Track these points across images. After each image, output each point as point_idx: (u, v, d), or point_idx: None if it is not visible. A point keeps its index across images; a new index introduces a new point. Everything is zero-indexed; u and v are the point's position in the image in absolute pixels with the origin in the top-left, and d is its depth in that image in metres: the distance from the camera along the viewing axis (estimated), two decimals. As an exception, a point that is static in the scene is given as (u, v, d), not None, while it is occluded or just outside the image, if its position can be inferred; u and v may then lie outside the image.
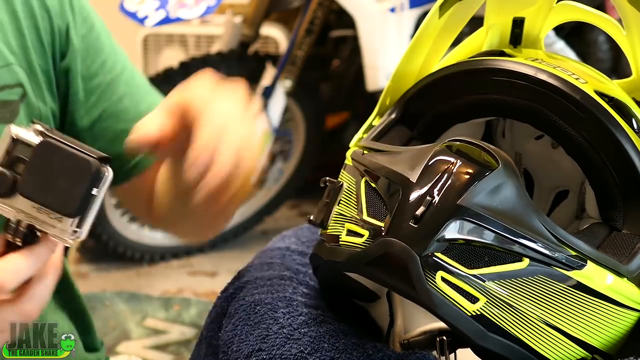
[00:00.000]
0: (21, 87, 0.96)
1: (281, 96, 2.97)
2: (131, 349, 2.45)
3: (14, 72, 0.95)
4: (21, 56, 0.97)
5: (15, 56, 0.96)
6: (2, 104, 0.94)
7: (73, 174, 0.65)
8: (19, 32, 0.97)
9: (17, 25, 0.97)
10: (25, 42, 0.97)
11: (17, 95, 0.95)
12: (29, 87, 0.97)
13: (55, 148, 0.65)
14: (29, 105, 0.96)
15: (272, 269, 0.81)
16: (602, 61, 3.00)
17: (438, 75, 0.76)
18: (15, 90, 0.95)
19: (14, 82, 0.95)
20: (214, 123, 0.75)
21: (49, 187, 0.64)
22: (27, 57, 0.97)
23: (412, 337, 0.74)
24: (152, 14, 2.70)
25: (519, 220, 0.64)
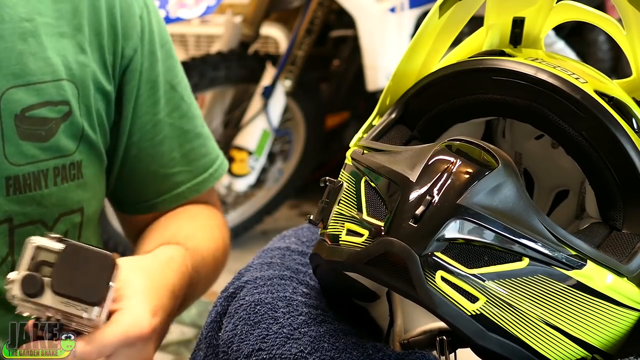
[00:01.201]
0: (67, 104, 0.93)
1: (281, 96, 2.97)
2: (131, 349, 2.44)
3: (62, 89, 0.92)
4: (77, 73, 0.93)
5: (68, 72, 0.93)
6: (40, 121, 0.91)
7: (96, 269, 0.76)
8: (80, 48, 0.94)
9: (81, 40, 0.94)
10: (85, 59, 0.94)
11: (60, 113, 0.93)
12: (77, 106, 0.94)
13: (80, 249, 0.76)
14: (71, 124, 0.93)
15: (272, 269, 0.81)
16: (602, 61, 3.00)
17: (438, 75, 0.76)
18: (59, 108, 0.92)
19: (59, 99, 0.92)
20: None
21: (77, 282, 0.75)
22: (83, 75, 0.94)
23: (412, 337, 0.74)
24: (152, 14, 2.69)
25: (519, 220, 0.64)
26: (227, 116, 3.14)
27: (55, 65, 0.91)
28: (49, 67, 0.91)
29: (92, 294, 0.76)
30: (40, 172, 0.92)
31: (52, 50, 0.91)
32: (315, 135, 3.22)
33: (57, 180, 0.94)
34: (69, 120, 0.93)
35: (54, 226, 0.95)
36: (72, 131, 0.94)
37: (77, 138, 0.95)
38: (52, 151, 0.93)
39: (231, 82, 2.99)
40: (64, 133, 0.93)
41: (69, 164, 0.94)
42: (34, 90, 0.90)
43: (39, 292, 0.75)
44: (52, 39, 0.91)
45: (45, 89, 0.91)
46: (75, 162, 0.95)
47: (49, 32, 0.91)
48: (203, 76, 2.87)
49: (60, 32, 0.92)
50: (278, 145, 3.21)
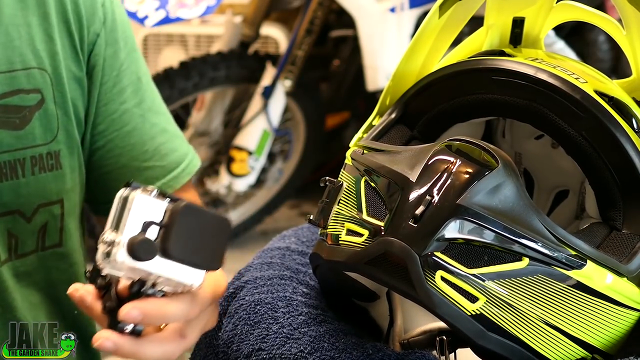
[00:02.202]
0: (39, 92, 0.92)
1: (281, 96, 2.97)
2: (131, 349, 2.44)
3: (32, 77, 0.92)
4: (47, 61, 0.93)
5: (38, 60, 0.92)
6: (14, 109, 0.91)
7: (214, 233, 0.69)
8: (48, 36, 0.93)
9: (48, 29, 0.94)
10: (54, 47, 0.94)
11: (33, 101, 0.92)
12: (50, 95, 0.93)
13: (196, 210, 0.67)
14: (45, 112, 0.93)
15: (272, 269, 0.81)
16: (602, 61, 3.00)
17: (438, 75, 0.76)
18: (31, 96, 0.92)
19: (30, 87, 0.92)
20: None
21: (194, 247, 0.67)
22: (55, 64, 0.94)
23: (412, 337, 0.74)
24: (152, 14, 2.70)
25: (519, 220, 0.64)
26: (227, 116, 3.13)
27: (24, 55, 0.92)
28: (18, 57, 0.91)
29: (212, 260, 0.69)
30: (16, 160, 0.91)
31: (19, 40, 0.91)
32: (315, 135, 3.22)
33: (34, 170, 0.93)
34: (42, 108, 0.93)
35: (33, 217, 0.94)
36: (47, 119, 0.93)
37: (54, 127, 0.94)
38: (28, 140, 0.92)
39: (231, 82, 2.99)
40: (38, 121, 0.93)
41: (45, 154, 0.93)
42: (6, 79, 0.90)
43: (149, 259, 0.65)
44: (19, 29, 0.92)
45: (16, 77, 0.91)
46: (52, 152, 0.94)
47: (15, 22, 0.91)
48: (203, 76, 2.87)
49: (26, 22, 0.92)
50: (278, 145, 3.21)
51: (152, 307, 0.68)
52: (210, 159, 3.06)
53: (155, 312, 0.69)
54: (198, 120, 3.06)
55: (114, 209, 0.67)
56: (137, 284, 0.68)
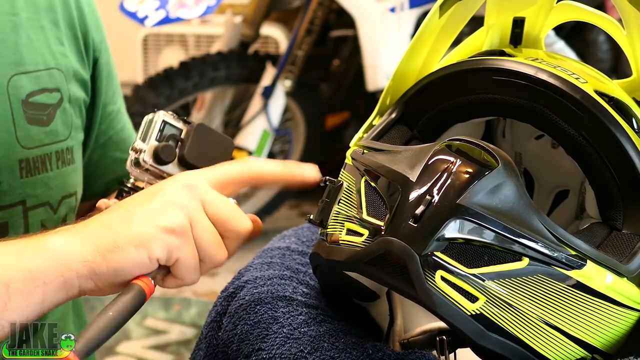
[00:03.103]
0: (59, 91, 0.98)
1: (281, 96, 2.97)
2: (131, 349, 2.45)
3: (53, 77, 0.97)
4: (61, 62, 0.99)
5: (55, 61, 0.98)
6: (41, 107, 0.96)
7: (221, 149, 0.85)
8: (58, 40, 0.99)
9: (58, 34, 0.99)
10: (64, 50, 1.00)
11: (55, 100, 0.98)
12: (66, 94, 0.99)
13: (207, 129, 0.84)
14: (64, 110, 0.99)
15: (272, 269, 0.81)
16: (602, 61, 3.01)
17: (438, 74, 0.76)
18: (54, 95, 0.98)
19: (52, 86, 0.98)
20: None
21: (205, 157, 0.83)
22: (67, 65, 1.00)
23: (412, 337, 0.74)
24: (152, 14, 2.70)
25: (519, 220, 0.64)
26: (227, 116, 3.14)
27: (44, 55, 0.97)
28: (40, 57, 0.96)
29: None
30: (45, 155, 0.97)
31: (38, 41, 0.97)
32: (315, 135, 3.22)
33: (58, 164, 0.99)
34: (62, 106, 0.99)
35: (58, 209, 1.00)
36: (65, 117, 0.99)
37: (69, 124, 1.00)
38: (53, 135, 0.98)
39: (231, 82, 2.99)
40: (59, 119, 0.98)
41: (65, 149, 0.99)
42: (33, 78, 0.95)
43: (169, 161, 0.82)
44: (35, 32, 0.97)
45: (41, 76, 0.96)
46: (69, 147, 1.00)
47: (32, 25, 0.96)
48: (203, 76, 2.87)
49: (40, 26, 0.97)
50: (278, 145, 3.21)
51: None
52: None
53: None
54: (198, 120, 3.06)
55: (142, 127, 0.83)
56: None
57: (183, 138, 0.83)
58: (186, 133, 0.83)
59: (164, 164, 0.82)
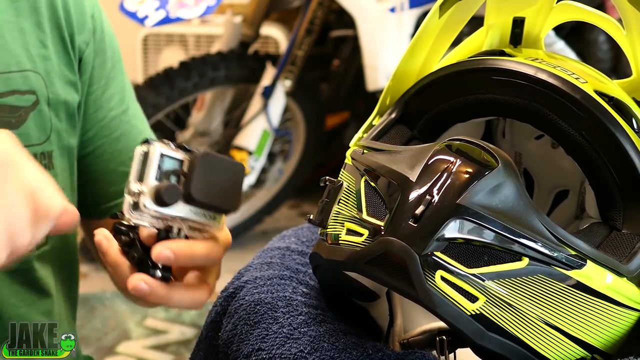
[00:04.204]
0: (33, 94, 0.95)
1: (281, 96, 2.97)
2: (131, 349, 2.45)
3: (27, 79, 0.95)
4: (40, 65, 0.96)
5: (32, 64, 0.95)
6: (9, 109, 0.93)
7: (231, 177, 0.75)
8: (41, 42, 0.97)
9: (41, 36, 0.97)
10: (47, 53, 0.97)
11: (28, 102, 0.95)
12: (44, 97, 0.96)
13: (213, 157, 0.73)
14: (40, 113, 0.95)
15: (272, 269, 0.81)
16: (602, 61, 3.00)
17: (438, 74, 0.76)
18: (27, 97, 0.95)
19: (25, 89, 0.94)
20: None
21: (213, 190, 0.73)
22: (47, 68, 0.97)
23: (412, 337, 0.74)
24: (152, 14, 2.70)
25: (519, 220, 0.64)
26: (227, 116, 3.14)
27: (19, 57, 0.94)
28: (13, 59, 0.94)
29: (231, 201, 0.75)
30: None
31: (14, 43, 0.94)
32: (315, 135, 3.22)
33: None
34: (37, 109, 0.95)
35: None
36: (41, 120, 0.96)
37: (47, 128, 0.96)
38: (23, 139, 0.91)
39: (231, 82, 2.99)
40: (33, 122, 0.95)
41: (39, 154, 0.95)
42: (2, 79, 0.93)
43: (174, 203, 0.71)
44: (13, 34, 0.94)
45: (12, 78, 0.93)
46: (45, 152, 0.96)
47: (10, 27, 0.94)
48: (203, 76, 2.87)
49: (20, 28, 0.95)
50: (278, 145, 3.21)
51: (181, 246, 0.73)
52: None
53: (184, 250, 0.73)
54: (198, 120, 3.06)
55: (135, 163, 0.72)
56: (163, 232, 0.73)
57: (186, 172, 0.72)
58: (189, 165, 0.72)
59: (168, 205, 0.71)
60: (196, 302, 0.76)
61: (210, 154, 0.73)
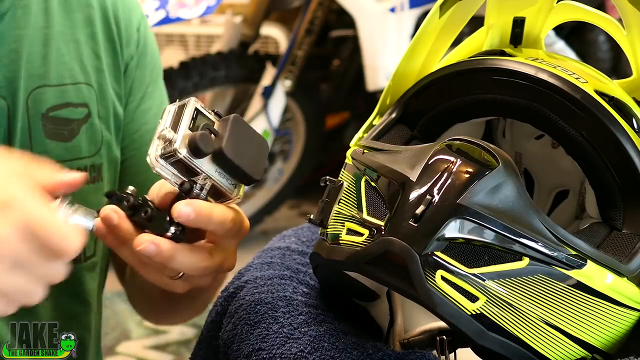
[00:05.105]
0: (86, 107, 0.96)
1: (281, 96, 2.97)
2: (131, 349, 2.45)
3: (80, 92, 0.95)
4: (93, 77, 0.97)
5: (86, 76, 0.96)
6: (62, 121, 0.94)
7: (257, 148, 0.73)
8: (95, 54, 0.98)
9: (95, 47, 0.98)
10: (100, 64, 0.98)
11: (80, 115, 0.95)
12: (95, 110, 0.97)
13: (244, 124, 0.73)
14: (91, 126, 0.96)
15: (272, 269, 0.81)
16: (602, 61, 3.00)
17: (438, 74, 0.76)
18: (79, 110, 0.96)
19: (78, 101, 0.95)
20: None
21: (242, 154, 0.72)
22: (100, 80, 0.98)
23: (412, 337, 0.74)
24: (152, 14, 2.70)
25: (519, 220, 0.64)
26: (227, 116, 3.14)
27: (73, 70, 0.95)
28: (68, 71, 0.95)
29: (257, 170, 0.73)
30: None
31: (69, 55, 0.95)
32: (315, 135, 3.22)
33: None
34: (89, 122, 0.96)
35: None
36: (92, 133, 0.97)
37: (98, 141, 0.97)
38: (75, 152, 0.95)
39: (231, 82, 2.99)
40: (84, 134, 0.96)
41: (90, 166, 0.96)
42: (57, 92, 0.94)
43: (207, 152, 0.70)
44: (68, 46, 0.95)
45: (66, 91, 0.94)
46: (95, 165, 0.97)
47: (65, 39, 0.95)
48: (203, 76, 2.87)
49: (75, 40, 0.96)
50: (278, 145, 3.21)
51: (202, 205, 0.71)
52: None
53: (205, 211, 0.71)
54: (198, 121, 3.06)
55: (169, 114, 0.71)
56: (188, 184, 0.71)
57: (218, 130, 0.71)
58: (221, 125, 0.72)
59: (201, 156, 0.70)
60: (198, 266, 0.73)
61: (242, 120, 0.73)
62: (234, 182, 0.73)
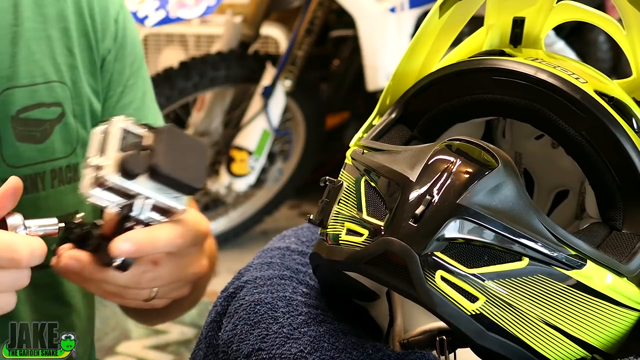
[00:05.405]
0: (59, 106, 0.93)
1: (281, 96, 2.98)
2: (131, 349, 2.45)
3: (53, 91, 0.92)
4: (67, 75, 0.94)
5: (59, 74, 0.93)
6: (34, 122, 0.91)
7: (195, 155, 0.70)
8: (68, 50, 0.94)
9: (68, 43, 0.94)
10: (74, 61, 0.94)
11: (53, 115, 0.92)
12: (70, 108, 0.94)
13: (178, 133, 0.70)
14: (66, 126, 0.93)
15: (272, 269, 0.81)
16: (602, 61, 3.01)
17: (438, 74, 0.76)
18: (52, 110, 0.92)
19: (51, 101, 0.92)
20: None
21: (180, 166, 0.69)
22: (74, 77, 0.94)
23: (412, 337, 0.74)
24: (152, 14, 2.70)
25: (519, 220, 0.64)
26: (227, 116, 3.14)
27: (45, 68, 0.92)
28: (39, 70, 0.91)
29: (197, 178, 0.71)
30: (37, 174, 0.92)
31: (40, 53, 0.92)
32: (315, 135, 3.22)
33: (54, 183, 0.93)
34: (63, 121, 0.93)
35: None
36: (67, 133, 0.94)
37: (73, 140, 0.95)
38: (48, 153, 0.93)
39: (231, 82, 2.99)
40: (58, 134, 0.93)
41: (65, 167, 0.94)
42: (28, 92, 0.90)
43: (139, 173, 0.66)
44: (40, 43, 0.92)
45: (37, 90, 0.91)
46: (71, 165, 0.95)
47: (36, 36, 0.92)
48: (203, 76, 2.87)
49: (47, 36, 0.93)
50: (278, 145, 3.21)
51: (142, 235, 0.68)
52: (210, 159, 3.07)
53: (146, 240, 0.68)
54: (198, 120, 3.06)
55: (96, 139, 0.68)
56: (126, 208, 0.68)
57: (151, 145, 0.68)
58: (154, 139, 0.68)
59: (133, 177, 0.66)
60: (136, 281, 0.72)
61: (175, 129, 0.70)
62: (176, 195, 0.71)
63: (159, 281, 0.75)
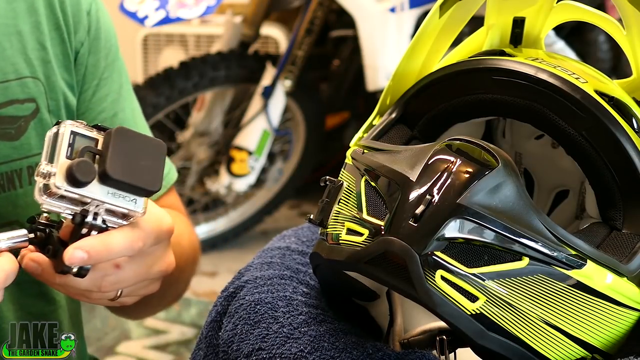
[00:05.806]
0: (34, 102, 0.92)
1: (281, 96, 2.98)
2: (131, 349, 2.45)
3: (26, 86, 0.91)
4: (40, 70, 0.92)
5: (31, 69, 0.92)
6: (8, 120, 0.90)
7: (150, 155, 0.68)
8: (40, 44, 0.93)
9: (40, 37, 0.93)
10: (47, 55, 0.93)
11: (28, 111, 0.91)
12: (44, 104, 0.93)
13: (129, 133, 0.67)
14: (41, 122, 0.92)
15: (272, 269, 0.81)
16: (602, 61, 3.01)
17: (438, 74, 0.76)
18: (26, 106, 0.91)
19: (24, 97, 0.91)
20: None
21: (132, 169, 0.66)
22: (47, 72, 0.93)
23: (412, 337, 0.74)
24: (152, 14, 2.70)
25: (519, 219, 0.64)
26: (227, 116, 3.14)
27: (17, 64, 0.91)
28: (11, 66, 0.90)
29: (153, 179, 0.69)
30: (13, 171, 0.91)
31: (12, 49, 0.91)
32: (315, 135, 3.22)
33: (31, 180, 0.92)
34: (38, 117, 0.92)
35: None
36: (42, 128, 0.92)
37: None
38: (24, 150, 0.92)
39: (231, 82, 2.99)
40: (34, 130, 0.92)
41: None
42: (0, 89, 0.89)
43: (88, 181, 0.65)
44: (11, 39, 0.91)
45: (9, 87, 0.90)
46: None
47: (7, 32, 0.91)
48: (203, 76, 2.87)
49: (18, 31, 0.91)
50: (278, 145, 3.21)
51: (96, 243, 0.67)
52: (210, 159, 3.07)
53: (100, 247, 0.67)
54: (198, 120, 3.06)
55: (46, 146, 0.67)
56: (79, 216, 0.67)
57: (101, 149, 0.66)
58: (104, 143, 0.66)
59: (82, 185, 0.65)
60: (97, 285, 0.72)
61: (125, 130, 0.67)
62: (132, 198, 0.69)
63: (123, 283, 0.74)
